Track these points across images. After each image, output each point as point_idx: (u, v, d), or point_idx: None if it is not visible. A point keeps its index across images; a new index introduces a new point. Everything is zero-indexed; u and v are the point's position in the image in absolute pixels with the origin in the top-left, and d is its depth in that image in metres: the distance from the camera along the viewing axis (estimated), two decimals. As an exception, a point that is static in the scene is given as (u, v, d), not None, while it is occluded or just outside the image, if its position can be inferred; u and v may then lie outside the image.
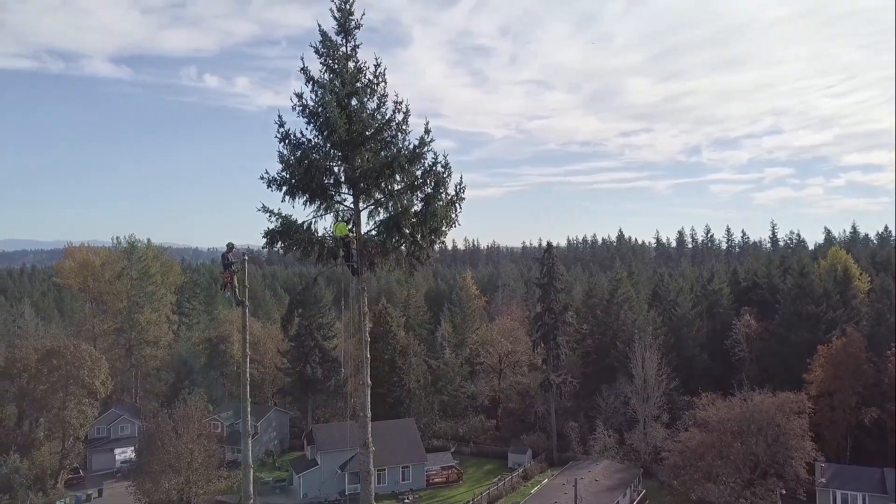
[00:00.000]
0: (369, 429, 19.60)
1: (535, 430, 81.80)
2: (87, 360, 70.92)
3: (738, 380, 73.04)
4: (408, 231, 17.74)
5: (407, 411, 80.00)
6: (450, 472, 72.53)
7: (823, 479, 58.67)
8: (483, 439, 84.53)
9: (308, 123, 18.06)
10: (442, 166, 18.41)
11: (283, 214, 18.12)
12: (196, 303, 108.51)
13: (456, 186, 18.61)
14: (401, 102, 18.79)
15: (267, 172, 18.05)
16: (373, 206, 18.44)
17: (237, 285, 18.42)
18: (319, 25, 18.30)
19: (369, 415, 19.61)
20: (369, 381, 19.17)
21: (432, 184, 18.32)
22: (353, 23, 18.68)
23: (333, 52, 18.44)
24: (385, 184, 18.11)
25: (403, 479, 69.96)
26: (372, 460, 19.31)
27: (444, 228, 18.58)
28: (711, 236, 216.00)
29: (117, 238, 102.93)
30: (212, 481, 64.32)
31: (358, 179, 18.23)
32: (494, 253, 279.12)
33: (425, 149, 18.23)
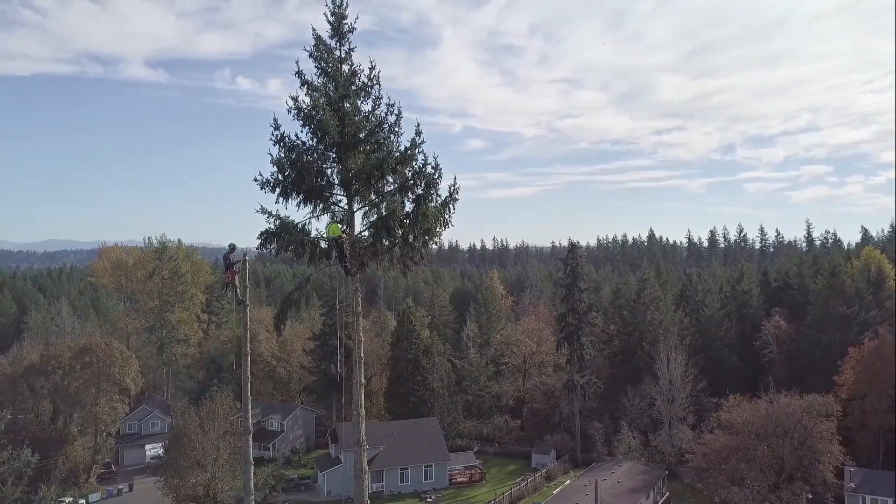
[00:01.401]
0: (363, 427, 19.82)
1: (559, 430, 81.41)
2: (117, 357, 72.63)
3: (767, 382, 71.90)
4: (398, 232, 17.92)
5: (430, 411, 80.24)
6: (473, 471, 72.58)
7: (853, 484, 57.35)
8: (507, 439, 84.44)
9: (303, 126, 18.41)
10: (432, 167, 18.60)
11: (282, 216, 18.48)
12: (224, 302, 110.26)
13: (450, 188, 18.78)
14: (393, 104, 19.09)
15: (260, 174, 18.45)
16: (367, 208, 18.70)
17: (238, 285, 18.80)
18: (314, 29, 18.72)
19: (363, 413, 19.83)
20: (363, 381, 19.40)
21: (422, 185, 18.53)
22: (347, 26, 18.96)
23: (328, 55, 18.79)
24: (375, 185, 18.34)
25: (426, 478, 70.21)
26: (365, 459, 19.53)
27: (437, 229, 18.72)
28: (744, 236, 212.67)
29: (149, 238, 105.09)
30: (237, 478, 65.45)
31: (350, 181, 18.51)
32: (523, 253, 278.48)
33: (416, 150, 18.47)
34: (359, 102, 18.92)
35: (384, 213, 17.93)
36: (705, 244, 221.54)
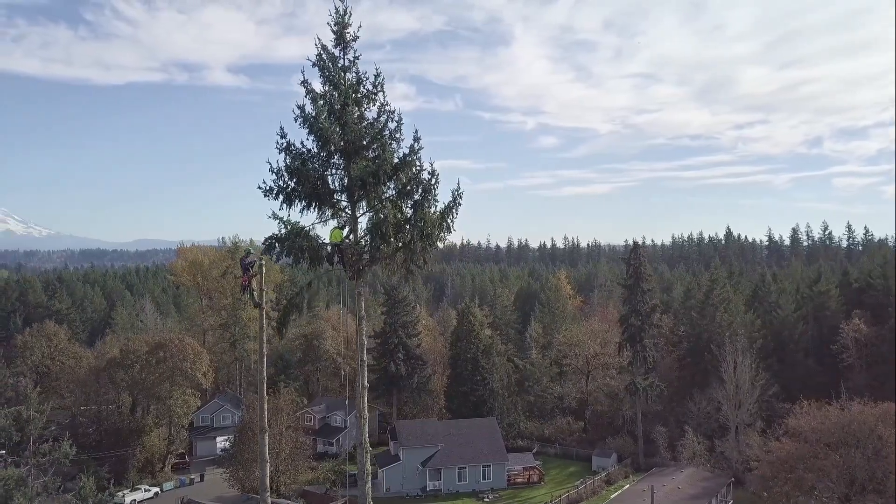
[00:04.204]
0: (366, 429, 20.15)
1: (622, 433, 79.94)
2: (189, 353, 76.01)
3: (846, 388, 68.31)
4: (392, 238, 18.16)
5: (490, 410, 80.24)
6: (531, 472, 72.17)
7: (934, 499, 53.73)
8: (569, 441, 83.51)
9: (309, 134, 18.93)
10: (428, 173, 18.76)
11: (292, 221, 19.05)
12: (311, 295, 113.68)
13: (453, 192, 18.88)
14: (393, 111, 19.34)
15: (264, 182, 19.09)
16: (371, 213, 19.00)
17: (255, 288, 19.48)
18: (319, 39, 19.14)
19: (366, 416, 20.15)
20: (366, 384, 19.71)
21: (420, 191, 18.69)
22: (350, 35, 19.35)
23: (333, 64, 19.23)
24: (373, 191, 18.63)
25: (484, 478, 70.28)
26: (369, 460, 19.87)
27: (438, 234, 18.86)
28: (829, 234, 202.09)
29: (222, 238, 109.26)
30: (300, 472, 67.48)
31: (352, 187, 18.87)
32: (595, 251, 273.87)
33: (415, 157, 18.65)
34: (364, 109, 19.34)
35: (377, 220, 18.22)
36: (787, 242, 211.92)
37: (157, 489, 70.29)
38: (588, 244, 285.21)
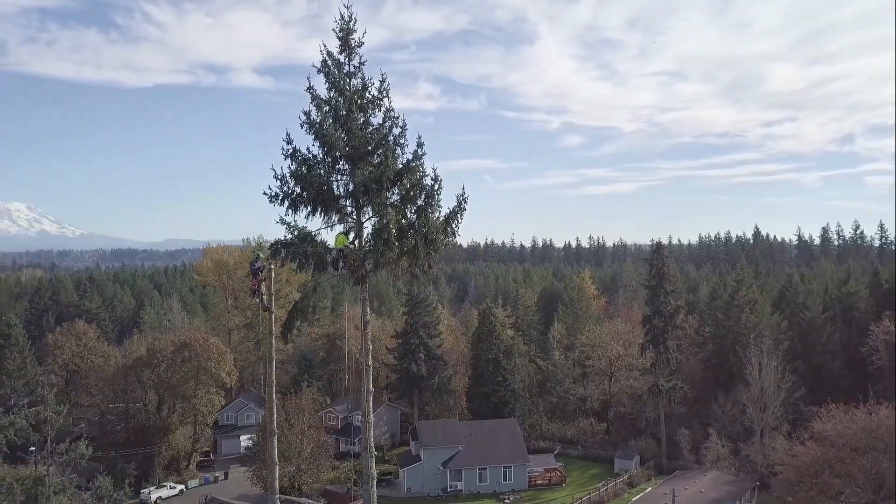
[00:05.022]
0: (371, 434, 20.23)
1: (645, 435, 79.23)
2: (213, 352, 76.99)
3: (874, 391, 66.93)
4: (395, 243, 18.21)
5: (512, 411, 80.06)
6: (553, 473, 71.89)
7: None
8: (591, 443, 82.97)
9: (315, 140, 19.08)
10: (432, 179, 18.81)
11: (300, 226, 19.22)
12: (315, 300, 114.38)
13: (458, 197, 18.91)
14: (397, 117, 19.44)
15: (269, 188, 19.28)
16: (377, 219, 19.08)
17: (264, 292, 19.70)
18: (325, 45, 19.26)
19: (371, 420, 20.22)
20: (371, 388, 19.82)
21: (423, 196, 18.74)
22: (355, 41, 19.42)
23: (338, 69, 19.36)
24: (377, 197, 18.70)
25: (505, 479, 70.20)
26: (374, 464, 20.00)
27: (443, 239, 18.88)
28: (861, 233, 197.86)
29: (247, 239, 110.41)
30: (322, 471, 68.04)
31: (356, 193, 18.98)
32: (621, 251, 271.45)
33: (418, 163, 18.70)
34: (369, 115, 19.45)
35: (380, 225, 18.31)
36: (817, 242, 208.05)
37: (182, 486, 71.40)
38: (613, 243, 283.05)
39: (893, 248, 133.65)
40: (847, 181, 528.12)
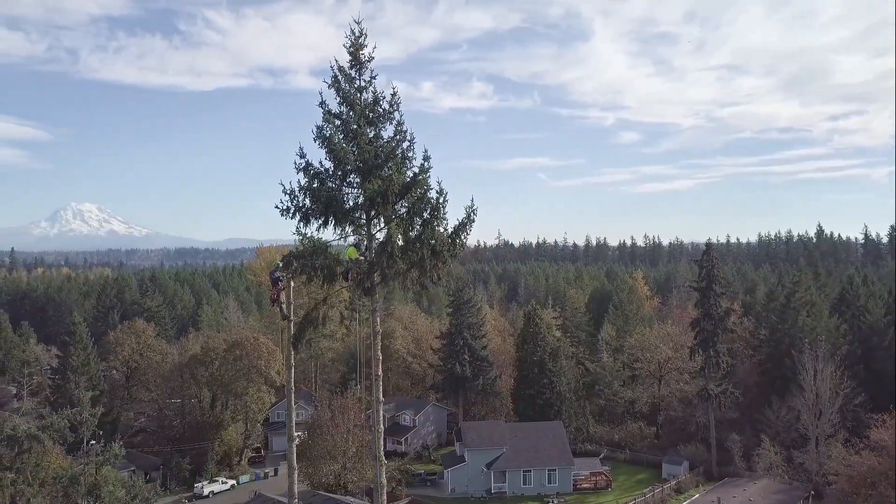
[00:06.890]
0: (381, 442, 20.47)
1: (695, 440, 77.46)
2: (264, 351, 78.86)
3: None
4: (399, 257, 18.38)
5: (558, 414, 79.40)
6: (598, 477, 71.08)
7: None
8: (640, 447, 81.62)
9: (327, 153, 19.42)
10: (436, 192, 18.90)
11: (314, 238, 19.61)
12: (366, 299, 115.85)
13: (467, 209, 18.94)
14: (405, 131, 19.58)
15: (281, 202, 19.70)
16: (387, 231, 19.29)
17: (284, 301, 20.15)
18: (336, 61, 19.56)
19: (382, 429, 20.46)
20: (381, 398, 20.05)
21: (428, 210, 18.84)
22: (366, 56, 19.68)
23: (349, 84, 19.63)
24: (384, 210, 18.90)
25: (549, 482, 69.77)
26: (384, 473, 20.25)
27: (451, 251, 18.95)
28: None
29: (297, 239, 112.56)
30: (367, 470, 68.94)
31: (366, 206, 19.24)
32: (677, 250, 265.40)
33: (424, 176, 18.80)
34: (380, 129, 19.71)
35: (384, 239, 18.53)
36: (884, 241, 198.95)
37: (233, 482, 73.47)
38: (670, 242, 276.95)
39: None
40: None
